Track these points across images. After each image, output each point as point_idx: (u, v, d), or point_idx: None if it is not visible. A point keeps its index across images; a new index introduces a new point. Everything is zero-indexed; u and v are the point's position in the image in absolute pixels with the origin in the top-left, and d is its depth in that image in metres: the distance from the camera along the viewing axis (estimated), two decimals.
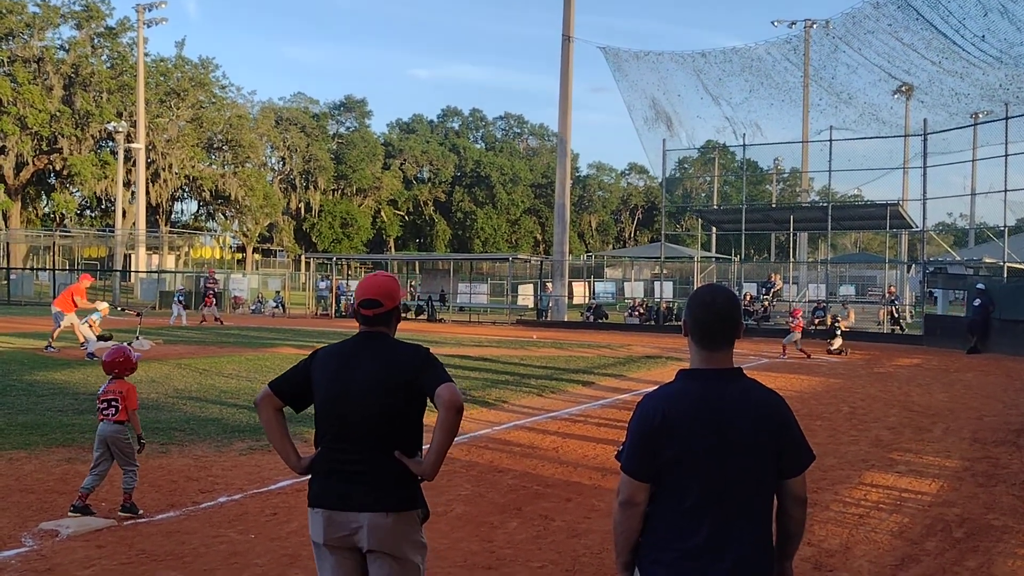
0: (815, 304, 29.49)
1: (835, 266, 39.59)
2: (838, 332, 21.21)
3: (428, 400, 3.22)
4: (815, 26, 37.24)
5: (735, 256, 35.14)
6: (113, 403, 6.19)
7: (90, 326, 16.61)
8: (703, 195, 72.04)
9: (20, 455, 7.96)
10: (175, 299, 28.48)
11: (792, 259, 38.17)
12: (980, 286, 22.94)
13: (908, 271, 35.65)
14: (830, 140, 28.41)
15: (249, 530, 5.92)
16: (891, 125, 35.12)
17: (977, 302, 22.30)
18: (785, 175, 55.00)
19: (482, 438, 9.45)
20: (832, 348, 20.84)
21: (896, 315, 27.97)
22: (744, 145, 32.26)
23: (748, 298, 29.92)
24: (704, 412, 2.55)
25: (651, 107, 36.50)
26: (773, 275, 33.74)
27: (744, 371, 2.67)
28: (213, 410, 10.59)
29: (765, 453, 2.57)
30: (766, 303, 30.12)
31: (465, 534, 5.95)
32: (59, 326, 17.24)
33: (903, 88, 36.14)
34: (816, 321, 24.33)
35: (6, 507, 6.34)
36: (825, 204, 31.34)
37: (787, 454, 2.60)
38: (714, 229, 37.67)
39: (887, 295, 29.68)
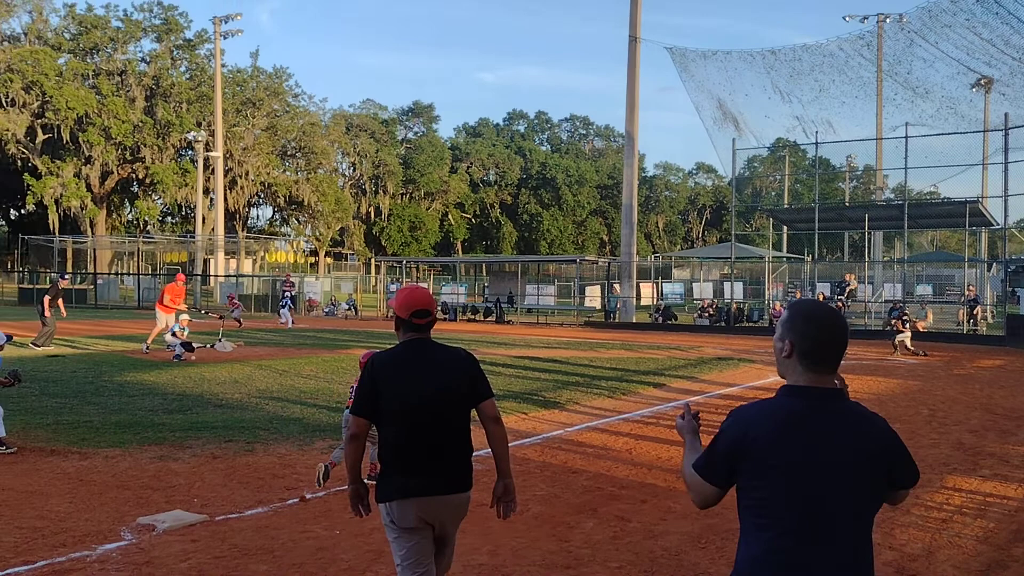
0: (891, 304, 28.77)
1: (912, 265, 38.47)
2: (907, 328, 20.85)
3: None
4: (888, 20, 36.37)
5: (807, 256, 34.49)
6: None
7: (174, 335, 17.09)
8: (773, 194, 70.86)
9: (115, 453, 8.33)
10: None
11: (867, 258, 37.25)
12: None
13: (989, 270, 34.47)
14: (905, 136, 27.66)
15: (334, 526, 6.11)
16: (970, 119, 34.05)
17: None
18: (859, 172, 53.74)
19: (555, 439, 9.52)
20: (908, 347, 20.43)
21: (972, 316, 27.17)
22: (816, 143, 31.63)
23: (821, 298, 29.36)
24: (803, 432, 2.38)
25: (718, 107, 36.08)
26: (847, 275, 33.00)
27: (847, 392, 2.54)
28: (294, 410, 10.89)
29: (866, 481, 2.40)
30: (840, 304, 29.48)
31: (542, 534, 6.04)
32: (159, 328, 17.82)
33: (983, 81, 35.03)
34: (893, 322, 23.78)
35: (104, 502, 6.65)
36: (901, 202, 30.51)
37: (895, 473, 2.45)
38: (785, 228, 36.96)
39: (967, 295, 28.76)
